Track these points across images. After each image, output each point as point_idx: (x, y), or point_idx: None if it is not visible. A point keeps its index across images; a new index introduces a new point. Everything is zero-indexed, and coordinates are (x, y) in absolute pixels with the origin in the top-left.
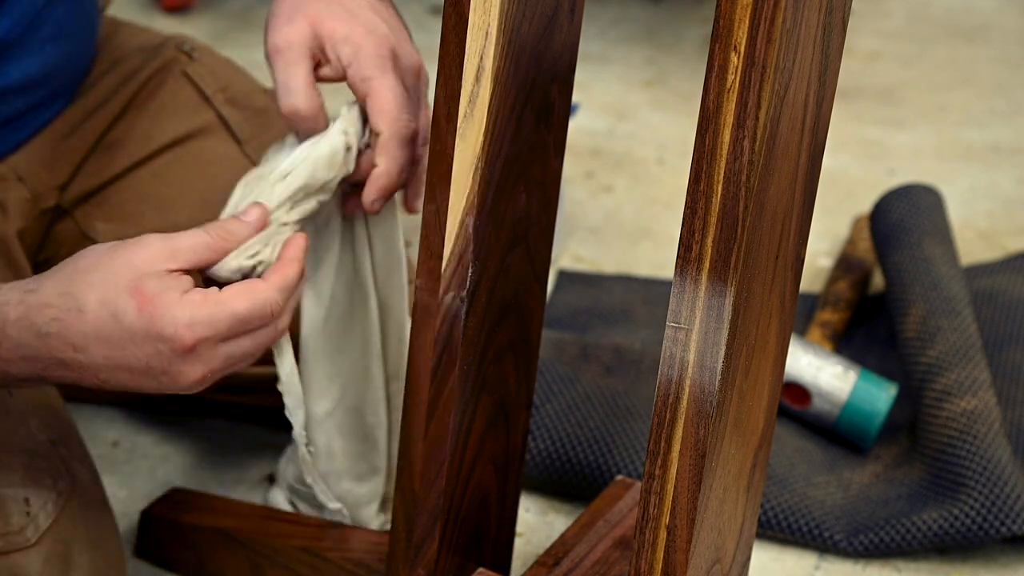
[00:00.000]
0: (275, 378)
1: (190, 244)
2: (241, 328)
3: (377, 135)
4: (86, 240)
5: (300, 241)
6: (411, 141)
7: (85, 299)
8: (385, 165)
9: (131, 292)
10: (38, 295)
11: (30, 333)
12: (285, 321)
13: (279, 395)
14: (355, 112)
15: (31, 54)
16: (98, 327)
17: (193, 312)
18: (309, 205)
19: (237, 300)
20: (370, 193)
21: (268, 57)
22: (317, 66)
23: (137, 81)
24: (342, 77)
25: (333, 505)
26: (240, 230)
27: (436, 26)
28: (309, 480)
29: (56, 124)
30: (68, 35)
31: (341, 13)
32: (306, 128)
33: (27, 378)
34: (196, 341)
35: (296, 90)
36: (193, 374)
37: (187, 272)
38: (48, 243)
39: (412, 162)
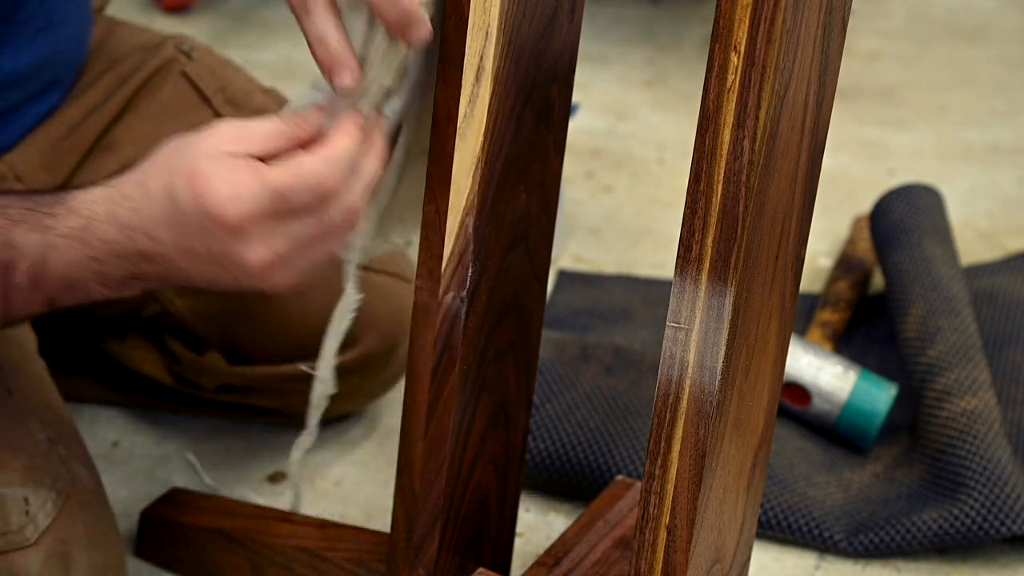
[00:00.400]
0: (275, 378)
1: (261, 129)
2: (286, 204)
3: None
4: None
5: (353, 116)
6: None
7: (153, 185)
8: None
9: (187, 172)
10: (119, 189)
11: (115, 227)
12: (352, 200)
13: (279, 395)
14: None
15: (24, 44)
16: (163, 211)
17: (234, 187)
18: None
19: (278, 173)
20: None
21: (294, 13)
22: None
23: (136, 81)
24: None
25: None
26: (317, 119)
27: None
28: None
29: (54, 124)
30: (60, 24)
31: None
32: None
33: (124, 279)
34: (240, 218)
35: (331, 40)
36: (254, 255)
37: (258, 159)
38: None
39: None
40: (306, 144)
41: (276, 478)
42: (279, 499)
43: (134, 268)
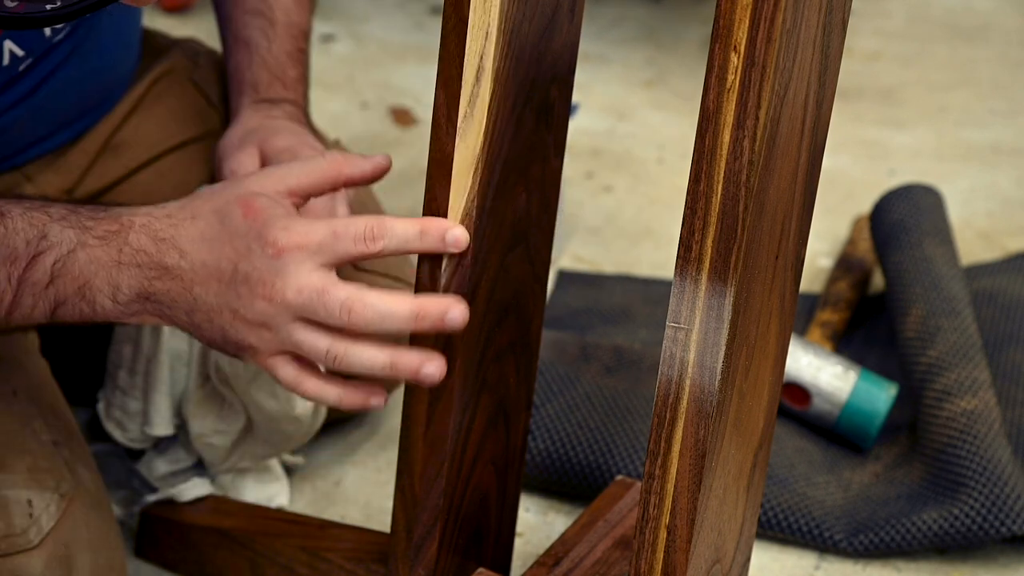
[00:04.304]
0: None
1: (301, 171)
2: (333, 240)
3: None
4: None
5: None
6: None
7: (201, 209)
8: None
9: (240, 202)
10: (164, 208)
11: (148, 236)
12: (385, 245)
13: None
14: None
15: (69, 84)
16: (204, 229)
17: (292, 221)
18: None
19: (328, 225)
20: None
21: (219, 178)
22: None
23: (144, 85)
24: None
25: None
26: (359, 164)
27: (436, 26)
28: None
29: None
30: (107, 67)
31: (285, 134)
32: None
33: (134, 296)
34: (288, 244)
35: None
36: (273, 287)
37: (301, 200)
38: None
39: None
40: (345, 182)
41: None
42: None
43: (149, 285)
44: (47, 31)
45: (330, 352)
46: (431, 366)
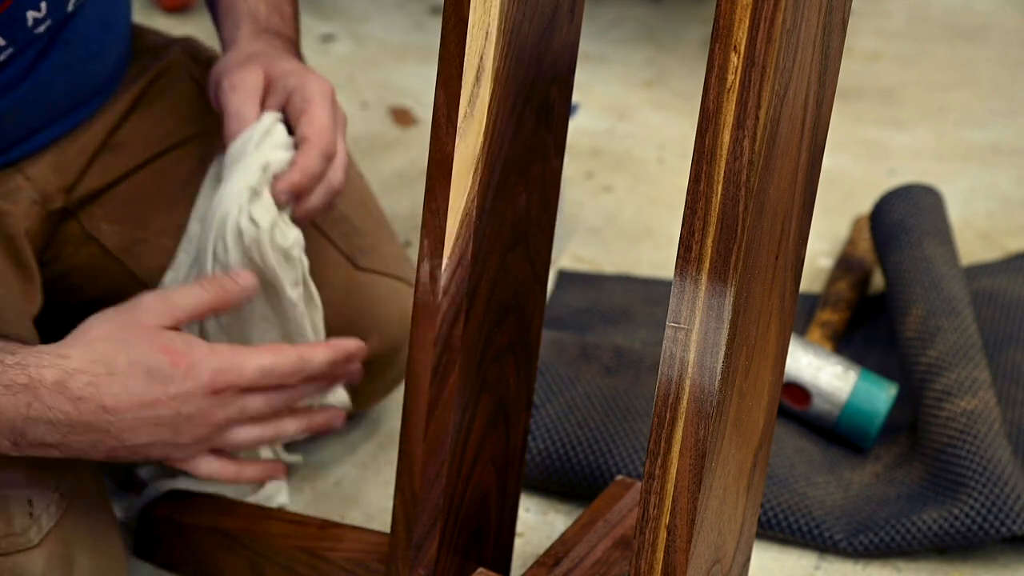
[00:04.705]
0: None
1: (184, 300)
2: (262, 380)
3: (303, 140)
4: (91, 240)
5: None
6: (328, 159)
7: (115, 362)
8: (301, 163)
9: (161, 350)
10: (71, 361)
11: (63, 397)
12: (296, 394)
13: None
14: (279, 127)
15: (60, 71)
16: (129, 385)
17: (223, 359)
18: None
19: (260, 355)
20: (279, 183)
21: (219, 94)
22: (263, 99)
23: (143, 82)
24: (284, 103)
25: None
26: (233, 288)
27: (436, 26)
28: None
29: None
30: (96, 55)
31: (289, 61)
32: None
33: (41, 444)
34: (226, 385)
35: (248, 118)
36: (213, 417)
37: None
38: (53, 243)
39: (322, 178)
40: (228, 306)
41: None
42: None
43: (63, 438)
44: (29, 20)
45: (262, 439)
46: (333, 415)
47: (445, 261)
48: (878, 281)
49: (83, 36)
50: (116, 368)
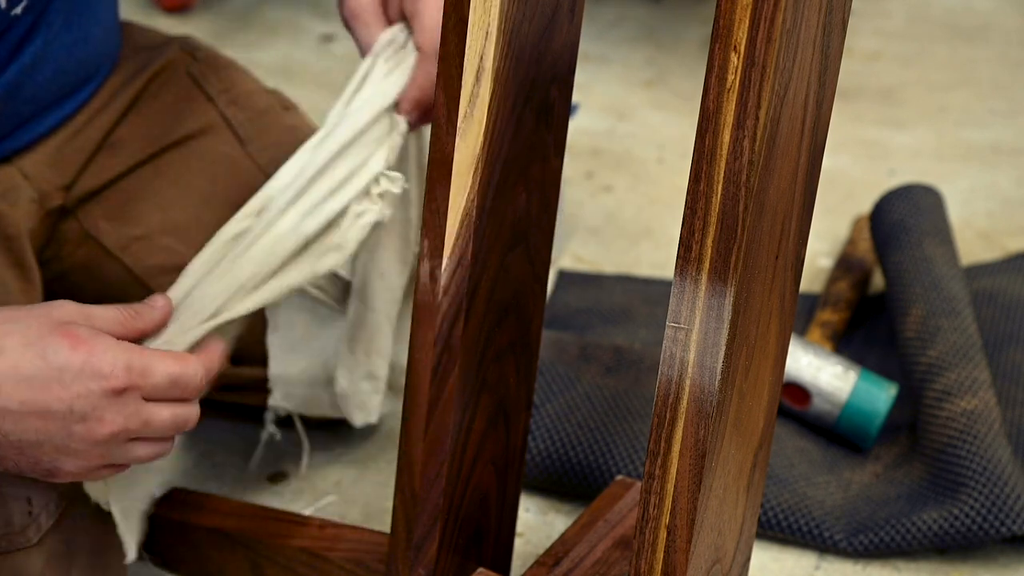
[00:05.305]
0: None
1: (102, 314)
2: (169, 389)
3: (418, 49)
4: (90, 239)
5: (220, 346)
6: None
7: (5, 342)
8: (420, 79)
9: (62, 334)
10: None
11: None
12: (196, 411)
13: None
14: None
15: (46, 59)
16: (20, 367)
17: (131, 356)
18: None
19: (171, 360)
20: (404, 105)
21: (346, 20)
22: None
23: (141, 81)
24: (400, 8)
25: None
26: (148, 314)
27: None
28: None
29: (61, 124)
30: (83, 40)
31: None
32: None
33: None
34: (129, 385)
35: (373, 43)
36: (112, 424)
37: None
38: (53, 242)
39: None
40: (143, 335)
41: (276, 478)
42: (279, 499)
43: None
44: (3, 2)
45: (159, 454)
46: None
47: (445, 261)
48: (878, 281)
49: (66, 20)
50: (5, 348)
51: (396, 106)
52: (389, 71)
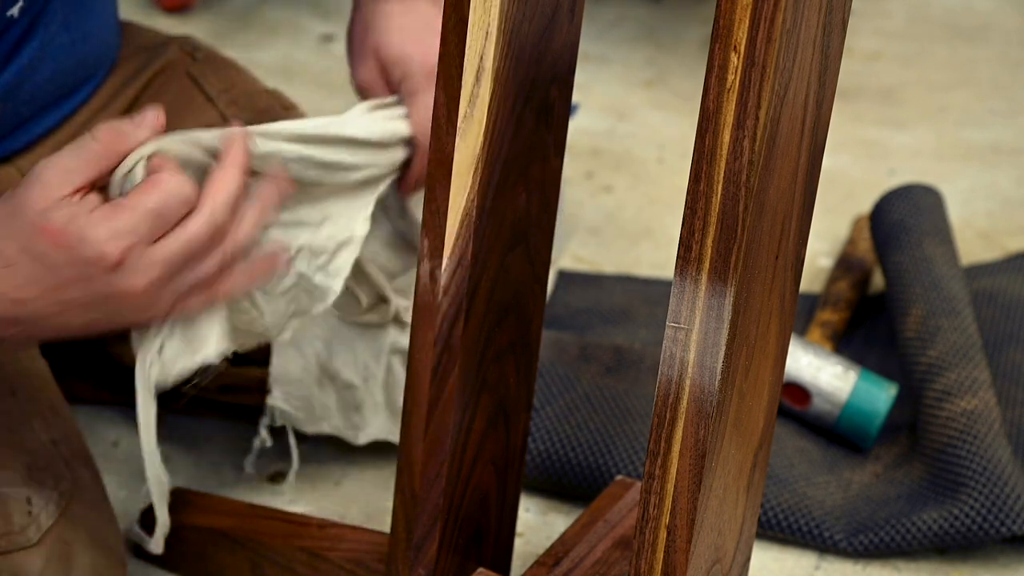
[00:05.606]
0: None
1: (78, 161)
2: (161, 223)
3: (414, 137)
4: None
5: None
6: None
7: (7, 252)
8: (416, 169)
9: (41, 232)
10: None
11: None
12: (220, 214)
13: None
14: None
15: (45, 58)
16: (29, 274)
17: (107, 225)
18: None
19: (144, 196)
20: (403, 188)
21: (359, 91)
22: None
23: (141, 81)
24: (397, 88)
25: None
26: (132, 130)
27: None
28: None
29: (61, 124)
30: (81, 40)
31: (396, 33)
32: None
33: None
34: (122, 252)
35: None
36: (135, 286)
37: (91, 188)
38: None
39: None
40: (119, 156)
41: (276, 478)
42: (279, 499)
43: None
44: None
45: (222, 273)
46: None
47: (445, 261)
48: (878, 281)
49: (64, 20)
50: (10, 259)
51: (397, 182)
52: (402, 115)
